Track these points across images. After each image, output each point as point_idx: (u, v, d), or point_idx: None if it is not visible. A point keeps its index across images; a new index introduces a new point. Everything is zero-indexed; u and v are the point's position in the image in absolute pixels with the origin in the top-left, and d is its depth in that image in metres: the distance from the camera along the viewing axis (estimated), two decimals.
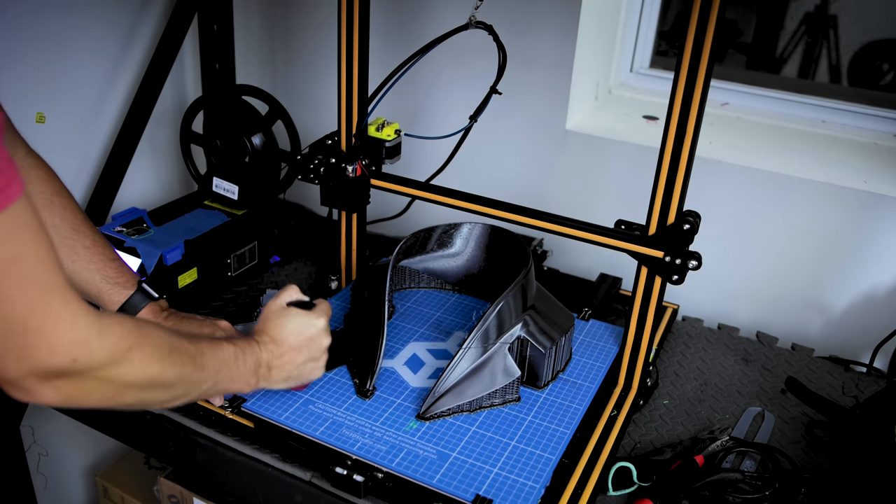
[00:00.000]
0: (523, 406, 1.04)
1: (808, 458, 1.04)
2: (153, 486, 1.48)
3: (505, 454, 0.96)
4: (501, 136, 1.51)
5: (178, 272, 1.23)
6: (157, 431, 1.04)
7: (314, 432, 0.97)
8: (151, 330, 0.74)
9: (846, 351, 1.32)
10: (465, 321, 1.23)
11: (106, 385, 0.68)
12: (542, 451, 0.96)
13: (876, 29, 2.84)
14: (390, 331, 1.19)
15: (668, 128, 0.95)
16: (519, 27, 1.40)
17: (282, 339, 0.94)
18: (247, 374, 0.90)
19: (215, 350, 0.85)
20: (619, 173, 1.43)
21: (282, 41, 1.71)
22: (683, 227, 0.98)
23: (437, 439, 0.97)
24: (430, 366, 1.12)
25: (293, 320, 0.95)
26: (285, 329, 0.94)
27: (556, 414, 1.03)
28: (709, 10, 0.87)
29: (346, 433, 0.98)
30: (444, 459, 0.94)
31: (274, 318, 0.95)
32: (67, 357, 0.62)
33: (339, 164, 1.19)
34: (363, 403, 1.03)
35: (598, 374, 1.12)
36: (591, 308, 1.28)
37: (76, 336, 0.62)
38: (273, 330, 0.94)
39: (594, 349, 1.18)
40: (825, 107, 1.48)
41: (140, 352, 0.70)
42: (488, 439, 0.98)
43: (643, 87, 1.61)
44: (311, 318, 0.96)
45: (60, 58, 1.32)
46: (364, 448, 0.95)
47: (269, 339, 0.93)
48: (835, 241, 1.30)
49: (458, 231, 1.26)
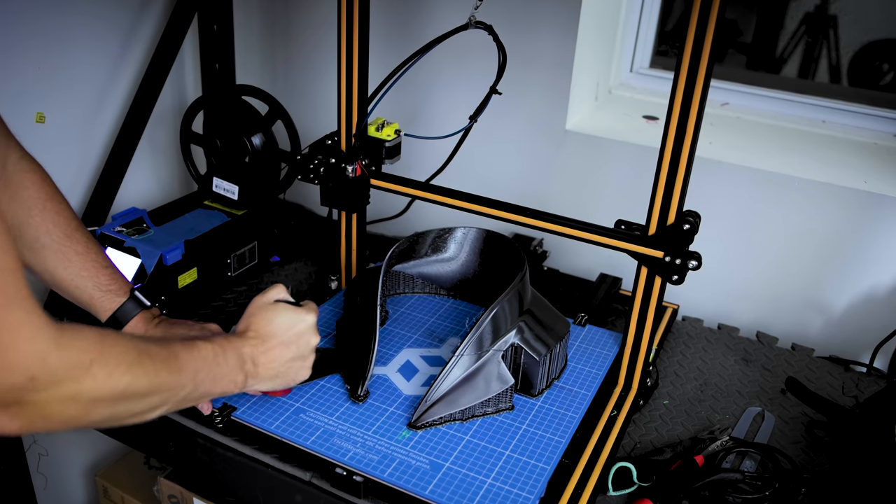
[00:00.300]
0: (517, 414, 1.03)
1: (808, 458, 1.04)
2: (153, 486, 1.48)
3: (499, 464, 0.94)
4: (501, 136, 1.51)
5: (178, 272, 1.23)
6: (157, 431, 1.04)
7: (305, 442, 0.96)
8: (115, 340, 0.69)
9: (846, 351, 1.32)
10: (460, 327, 1.22)
11: (69, 405, 0.62)
12: (536, 461, 0.95)
13: (876, 29, 2.84)
14: (383, 337, 1.18)
15: (668, 128, 0.95)
16: (519, 27, 1.40)
17: (269, 334, 0.90)
18: (231, 371, 0.85)
19: (190, 351, 0.79)
20: (619, 173, 1.43)
21: (282, 41, 1.71)
22: (683, 227, 0.98)
23: (429, 449, 0.96)
24: (423, 373, 1.10)
25: (282, 315, 0.92)
26: (273, 323, 0.91)
27: (550, 422, 1.02)
28: (709, 10, 0.87)
29: (338, 442, 0.96)
30: (436, 469, 0.93)
31: (261, 312, 0.91)
32: (24, 375, 0.57)
33: (339, 164, 1.19)
34: (355, 412, 1.02)
35: (594, 380, 1.11)
36: (589, 311, 1.28)
37: (35, 350, 0.57)
38: (259, 324, 0.90)
39: (591, 355, 1.17)
40: (825, 107, 1.48)
41: (103, 365, 0.65)
42: (482, 449, 0.97)
43: (643, 87, 1.61)
44: (300, 314, 0.93)
45: (60, 56, 1.32)
46: (356, 458, 0.94)
47: (254, 333, 0.90)
48: (835, 241, 1.30)
49: (453, 235, 1.25)
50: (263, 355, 0.90)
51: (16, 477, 1.35)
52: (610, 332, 1.23)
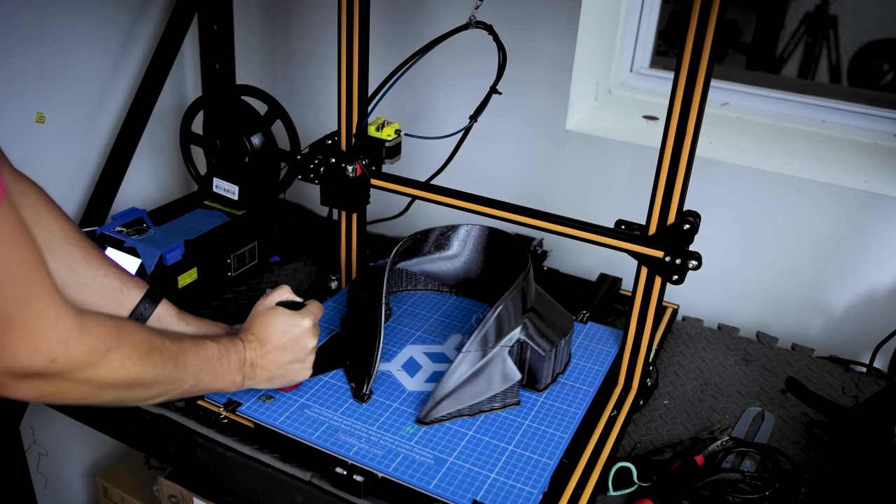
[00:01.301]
0: (521, 410, 1.04)
1: (808, 458, 1.04)
2: (153, 486, 1.48)
3: (503, 459, 0.95)
4: (501, 136, 1.51)
5: (178, 272, 1.23)
6: (157, 431, 1.04)
7: (310, 437, 0.97)
8: (132, 330, 0.74)
9: (846, 351, 1.32)
10: (463, 324, 1.23)
11: (83, 386, 0.67)
12: (539, 456, 0.96)
13: (876, 29, 2.84)
14: (387, 334, 1.18)
15: (668, 128, 0.95)
16: (519, 27, 1.40)
17: (266, 339, 0.94)
18: (231, 372, 0.90)
19: (198, 349, 0.85)
20: (619, 173, 1.43)
21: (282, 41, 1.71)
22: (683, 227, 0.98)
23: (433, 444, 0.97)
24: (426, 369, 1.11)
25: (278, 319, 0.95)
26: (269, 328, 0.95)
27: (553, 418, 1.03)
28: (709, 10, 0.87)
29: (343, 437, 0.97)
30: (440, 464, 0.93)
31: (260, 317, 0.96)
32: (47, 356, 0.62)
33: (339, 164, 1.19)
34: (359, 407, 1.02)
35: (596, 377, 1.12)
36: (590, 309, 1.28)
37: (57, 335, 0.62)
38: (258, 329, 0.95)
39: (593, 352, 1.17)
40: (825, 107, 1.48)
41: (119, 353, 0.70)
42: (486, 444, 0.97)
43: (643, 87, 1.61)
44: (296, 319, 0.96)
45: (60, 56, 1.32)
46: (360, 453, 0.94)
47: (253, 337, 0.94)
48: (835, 241, 1.30)
49: (456, 233, 1.26)
50: (262, 359, 0.94)
51: (16, 477, 1.35)
52: (611, 328, 1.24)
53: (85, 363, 0.66)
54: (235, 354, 0.91)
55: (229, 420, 1.00)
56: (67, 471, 1.64)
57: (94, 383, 0.68)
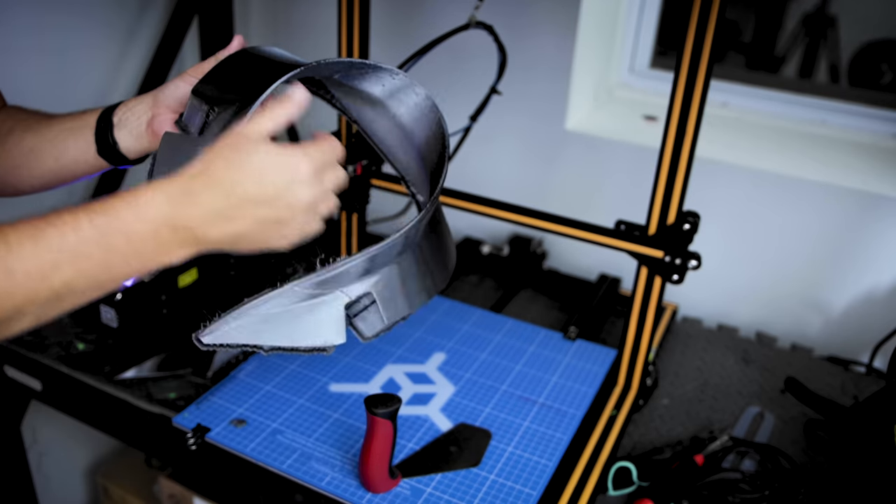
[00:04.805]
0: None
1: (807, 457, 1.04)
2: (153, 486, 1.48)
3: (482, 489, 0.91)
4: (501, 136, 1.51)
5: (178, 272, 1.23)
6: (157, 431, 1.04)
7: (281, 465, 0.92)
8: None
9: (846, 351, 1.33)
10: (447, 341, 1.18)
11: None
12: (523, 486, 0.91)
13: (876, 29, 2.84)
14: (366, 352, 1.12)
15: (668, 128, 0.95)
16: (519, 27, 1.40)
17: (232, 182, 0.61)
18: (138, 252, 0.58)
19: (37, 241, 0.54)
20: (619, 173, 1.43)
21: (282, 41, 1.71)
22: (683, 228, 0.98)
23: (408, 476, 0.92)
24: (407, 390, 1.07)
25: (255, 160, 0.62)
26: (240, 170, 0.61)
27: (538, 445, 0.98)
28: (709, 10, 0.87)
29: (316, 466, 0.93)
30: (417, 496, 0.89)
31: (231, 153, 0.62)
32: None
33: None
34: (334, 433, 0.97)
35: (583, 399, 1.07)
36: (588, 311, 1.28)
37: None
38: (219, 167, 0.61)
39: (580, 372, 1.13)
40: (825, 107, 1.48)
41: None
42: (464, 475, 0.93)
43: (643, 87, 1.61)
44: (288, 160, 0.65)
45: (60, 57, 1.32)
46: (333, 483, 0.90)
47: (200, 181, 0.60)
48: (834, 242, 1.30)
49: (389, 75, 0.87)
50: (212, 212, 0.61)
51: (16, 477, 1.35)
52: (602, 346, 1.19)
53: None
54: (139, 222, 0.57)
55: (198, 446, 0.96)
56: (68, 471, 1.64)
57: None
